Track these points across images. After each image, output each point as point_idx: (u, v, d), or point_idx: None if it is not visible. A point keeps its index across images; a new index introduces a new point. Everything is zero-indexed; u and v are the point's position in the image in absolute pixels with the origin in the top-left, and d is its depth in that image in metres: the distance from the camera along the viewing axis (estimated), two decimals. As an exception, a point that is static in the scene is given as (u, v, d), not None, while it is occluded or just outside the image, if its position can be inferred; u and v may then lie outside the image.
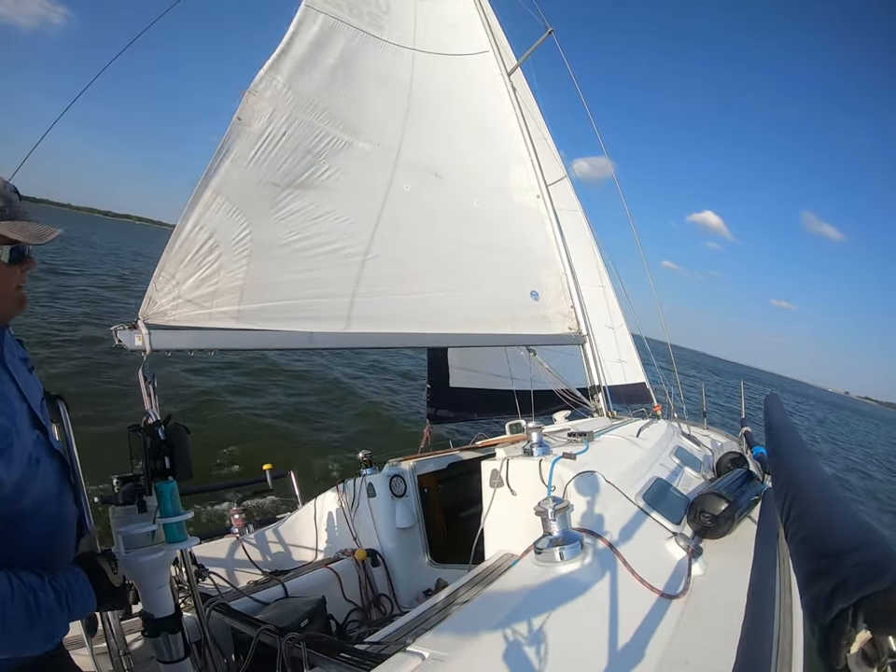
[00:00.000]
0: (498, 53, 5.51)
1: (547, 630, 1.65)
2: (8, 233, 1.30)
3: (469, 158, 4.75)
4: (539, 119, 6.89)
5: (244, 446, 9.42)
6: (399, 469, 4.00)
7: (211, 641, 2.20)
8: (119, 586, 1.44)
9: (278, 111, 3.39)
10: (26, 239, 1.32)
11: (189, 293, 2.83)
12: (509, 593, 1.89)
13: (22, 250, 1.35)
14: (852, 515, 0.86)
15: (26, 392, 1.41)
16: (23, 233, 1.31)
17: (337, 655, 1.86)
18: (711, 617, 1.95)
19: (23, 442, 1.31)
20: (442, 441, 6.66)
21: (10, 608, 1.14)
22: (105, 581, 1.41)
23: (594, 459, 2.76)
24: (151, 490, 1.66)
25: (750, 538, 2.46)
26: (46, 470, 1.40)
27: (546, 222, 5.08)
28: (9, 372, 1.37)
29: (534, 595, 1.85)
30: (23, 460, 1.30)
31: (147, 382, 2.34)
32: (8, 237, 1.30)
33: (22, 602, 1.17)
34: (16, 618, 1.15)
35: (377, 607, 3.48)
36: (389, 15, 4.53)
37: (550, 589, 1.89)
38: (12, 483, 1.24)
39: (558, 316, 4.79)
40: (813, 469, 1.13)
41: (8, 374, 1.37)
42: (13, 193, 1.34)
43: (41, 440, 1.41)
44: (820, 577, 0.68)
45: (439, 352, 6.83)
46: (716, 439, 4.79)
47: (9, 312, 1.41)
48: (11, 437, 1.26)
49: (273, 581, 3.14)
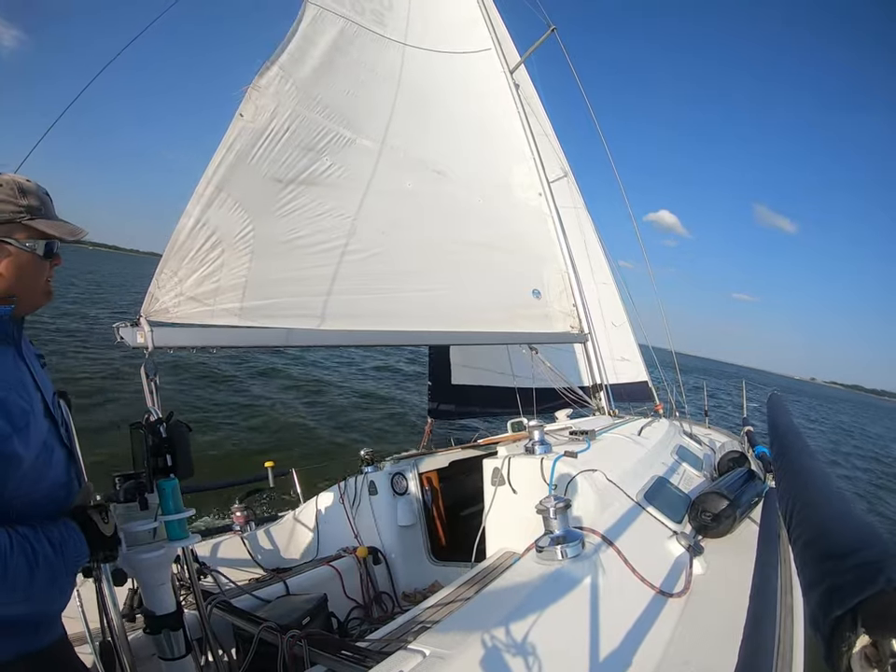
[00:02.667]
0: (501, 51, 5.49)
1: (548, 628, 1.65)
2: (46, 229, 1.43)
3: (472, 155, 4.74)
4: (542, 117, 6.88)
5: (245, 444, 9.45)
6: (401, 467, 4.00)
7: (212, 639, 2.21)
8: (110, 535, 1.48)
9: (281, 107, 3.38)
10: (62, 235, 1.47)
11: (192, 290, 2.83)
12: (510, 591, 1.89)
13: (53, 246, 1.48)
14: (852, 517, 0.85)
15: (41, 384, 1.48)
16: (59, 230, 1.46)
17: (338, 653, 1.86)
18: (712, 616, 1.96)
19: (39, 428, 1.39)
20: (444, 439, 6.67)
21: (10, 559, 1.20)
22: (96, 530, 1.45)
23: (595, 458, 2.76)
24: (153, 487, 1.66)
25: (752, 537, 2.46)
26: (58, 460, 1.46)
27: (548, 220, 5.06)
28: (27, 363, 1.45)
29: (535, 593, 1.85)
30: (39, 444, 1.38)
31: (149, 379, 2.34)
32: (46, 233, 1.43)
33: (21, 553, 1.23)
34: (17, 568, 1.21)
35: (378, 604, 3.49)
36: (392, 12, 4.52)
37: (551, 587, 1.89)
38: (29, 464, 1.32)
39: (560, 314, 4.78)
40: (816, 472, 1.12)
41: (26, 365, 1.45)
42: (46, 195, 1.47)
43: (53, 431, 1.47)
44: (820, 582, 0.68)
45: (441, 349, 6.83)
46: (717, 438, 4.79)
47: (38, 302, 1.52)
48: (28, 417, 1.34)
49: (274, 578, 3.15)
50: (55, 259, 1.51)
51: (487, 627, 1.59)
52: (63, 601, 1.47)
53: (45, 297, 1.52)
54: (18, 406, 1.31)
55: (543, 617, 1.70)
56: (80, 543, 1.40)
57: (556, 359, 5.16)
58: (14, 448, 1.27)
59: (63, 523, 1.39)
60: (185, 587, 2.38)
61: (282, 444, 9.92)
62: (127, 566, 1.57)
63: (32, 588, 1.26)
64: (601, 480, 2.58)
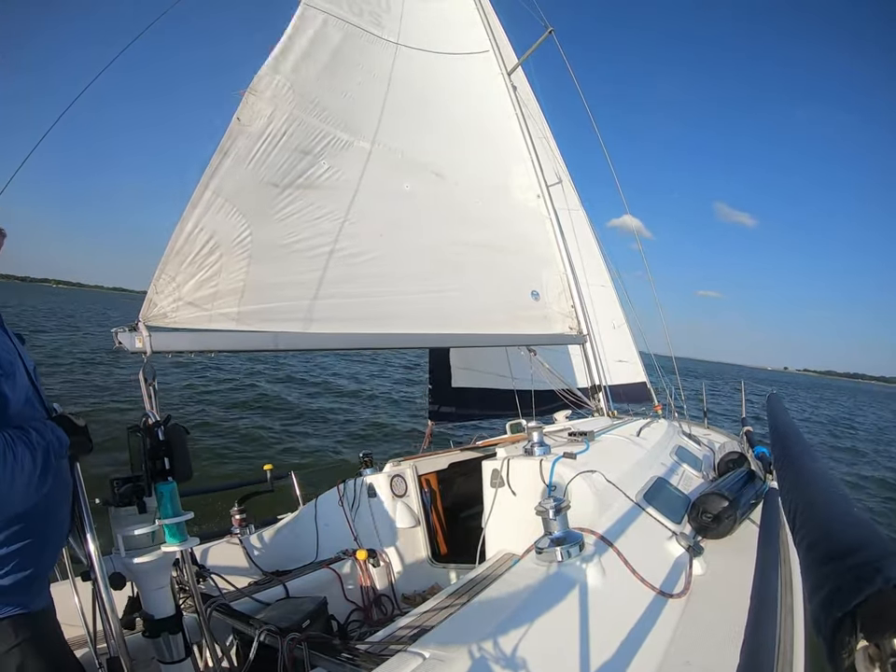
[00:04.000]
0: (499, 53, 5.50)
1: (548, 629, 1.65)
2: None
3: (470, 157, 4.75)
4: (539, 119, 6.89)
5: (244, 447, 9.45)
6: (400, 469, 3.99)
7: (212, 642, 2.20)
8: (83, 426, 1.71)
9: (278, 111, 3.38)
10: None
11: (190, 295, 2.83)
12: (510, 592, 1.89)
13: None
14: (852, 518, 0.85)
15: (22, 354, 1.70)
16: None
17: (338, 656, 1.86)
18: (712, 616, 1.95)
19: (23, 381, 1.63)
20: (444, 441, 6.67)
21: (15, 448, 1.43)
22: (71, 423, 1.68)
23: (594, 459, 2.75)
24: (151, 491, 1.66)
25: (752, 537, 2.46)
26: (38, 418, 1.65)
27: (546, 222, 5.07)
28: (8, 335, 1.69)
29: (535, 594, 1.85)
30: (23, 395, 1.61)
31: (147, 383, 2.34)
32: None
33: (21, 442, 1.46)
34: (21, 455, 1.43)
35: (378, 607, 3.48)
36: (389, 13, 4.52)
37: (551, 589, 1.89)
38: (16, 411, 1.54)
39: (559, 316, 4.78)
40: (818, 473, 1.12)
41: (7, 336, 1.68)
42: None
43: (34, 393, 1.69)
44: (822, 584, 0.69)
45: (440, 352, 6.82)
46: (717, 438, 4.79)
47: None
48: (14, 368, 1.58)
49: (273, 581, 3.14)
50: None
51: (487, 629, 1.59)
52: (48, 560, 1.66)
53: None
54: (4, 358, 1.55)
55: (543, 618, 1.70)
56: (58, 429, 1.61)
57: (555, 361, 5.16)
58: (3, 389, 1.50)
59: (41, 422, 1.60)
60: (184, 590, 2.37)
61: (281, 446, 9.93)
62: (126, 569, 1.57)
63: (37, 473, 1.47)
64: (600, 481, 2.58)
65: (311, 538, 3.94)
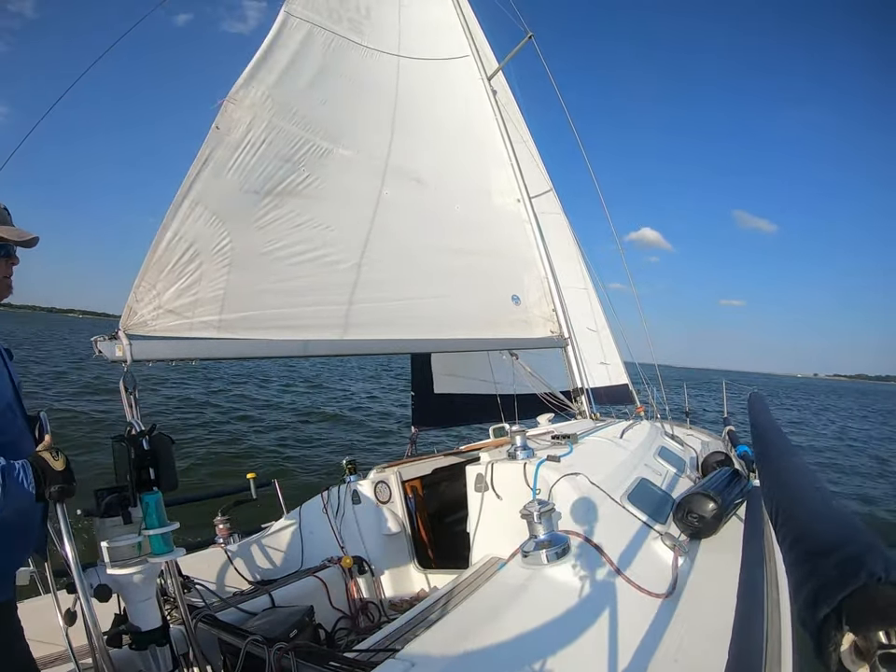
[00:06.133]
0: (479, 58, 5.53)
1: (535, 633, 1.66)
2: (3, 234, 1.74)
3: (450, 162, 4.77)
4: (520, 124, 6.91)
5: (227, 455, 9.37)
6: (384, 476, 3.98)
7: (199, 653, 2.18)
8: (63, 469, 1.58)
9: (257, 119, 3.38)
10: (12, 237, 1.77)
11: (170, 303, 2.81)
12: (496, 597, 1.90)
13: (9, 248, 1.79)
14: (834, 513, 0.87)
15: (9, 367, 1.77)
16: (10, 234, 1.76)
17: (326, 664, 1.85)
18: (699, 615, 1.98)
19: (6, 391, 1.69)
20: (428, 447, 6.66)
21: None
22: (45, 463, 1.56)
23: (578, 461, 2.77)
24: (136, 501, 1.64)
25: (737, 536, 2.49)
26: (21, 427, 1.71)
27: (526, 225, 5.10)
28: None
29: (521, 598, 1.86)
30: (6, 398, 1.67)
31: (128, 392, 2.32)
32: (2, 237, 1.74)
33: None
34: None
35: (365, 614, 3.46)
36: (369, 20, 4.54)
37: (537, 592, 1.90)
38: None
39: (540, 320, 4.81)
40: (799, 470, 1.14)
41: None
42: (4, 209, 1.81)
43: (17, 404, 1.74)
44: (806, 581, 0.70)
45: (423, 358, 6.81)
46: (699, 438, 4.83)
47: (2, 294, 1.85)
48: None
49: (259, 590, 3.12)
50: (11, 258, 1.82)
51: (474, 634, 1.60)
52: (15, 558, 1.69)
53: (5, 290, 1.84)
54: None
55: (530, 621, 1.71)
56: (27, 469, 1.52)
57: (537, 364, 5.17)
58: None
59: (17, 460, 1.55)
60: (170, 602, 2.35)
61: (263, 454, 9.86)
62: (111, 581, 1.56)
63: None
64: (584, 483, 2.60)
65: (296, 546, 3.91)
